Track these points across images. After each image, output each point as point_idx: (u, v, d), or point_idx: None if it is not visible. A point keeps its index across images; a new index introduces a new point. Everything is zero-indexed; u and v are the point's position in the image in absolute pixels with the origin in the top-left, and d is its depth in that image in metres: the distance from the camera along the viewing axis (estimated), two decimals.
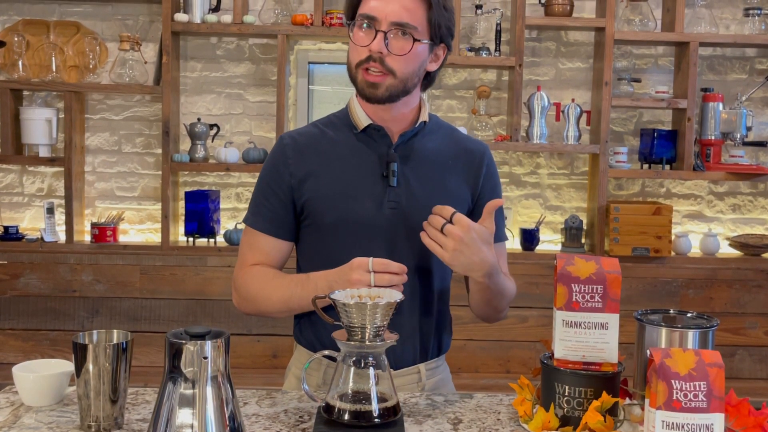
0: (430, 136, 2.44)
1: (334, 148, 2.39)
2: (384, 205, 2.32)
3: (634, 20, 5.03)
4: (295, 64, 5.22)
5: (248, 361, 4.89)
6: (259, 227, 2.41)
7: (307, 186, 2.35)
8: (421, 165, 2.38)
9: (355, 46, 2.29)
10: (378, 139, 2.37)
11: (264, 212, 2.41)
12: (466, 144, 2.50)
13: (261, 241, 2.42)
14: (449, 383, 2.55)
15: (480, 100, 5.11)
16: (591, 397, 1.85)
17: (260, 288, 2.38)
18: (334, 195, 2.33)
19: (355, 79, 2.32)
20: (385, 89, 2.26)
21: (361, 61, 2.28)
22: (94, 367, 1.87)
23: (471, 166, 2.45)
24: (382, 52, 2.23)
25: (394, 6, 2.22)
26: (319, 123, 2.51)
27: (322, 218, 2.34)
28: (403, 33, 2.23)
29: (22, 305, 4.87)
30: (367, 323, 1.81)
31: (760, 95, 5.28)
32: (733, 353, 4.94)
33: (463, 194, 2.42)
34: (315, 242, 2.37)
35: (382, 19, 2.22)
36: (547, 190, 5.32)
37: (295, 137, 2.45)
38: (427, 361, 2.44)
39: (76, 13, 5.15)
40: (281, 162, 2.40)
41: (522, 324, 4.92)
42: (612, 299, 1.88)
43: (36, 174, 5.22)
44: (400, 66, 2.25)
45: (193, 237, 5.02)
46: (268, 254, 2.42)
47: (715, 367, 1.68)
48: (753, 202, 5.35)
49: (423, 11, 2.25)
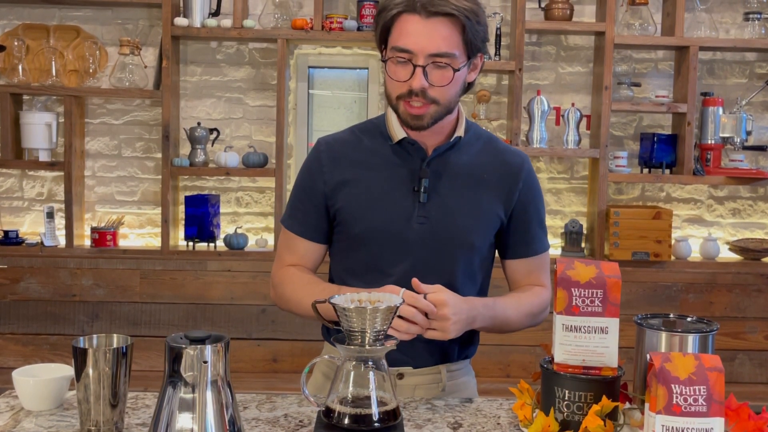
0: (466, 148, 2.42)
1: (368, 158, 2.39)
2: (413, 219, 2.32)
3: (634, 24, 5.03)
4: (295, 68, 5.22)
5: (248, 366, 4.88)
6: (295, 230, 2.46)
7: (340, 194, 2.37)
8: (454, 180, 2.37)
9: (394, 81, 2.25)
10: (412, 152, 2.36)
11: (299, 216, 2.45)
12: (503, 156, 2.47)
13: (296, 243, 2.46)
14: (472, 388, 2.56)
15: (480, 104, 5.11)
16: (591, 402, 1.85)
17: (293, 292, 2.41)
18: (365, 206, 2.34)
19: (397, 109, 2.29)
20: (429, 118, 2.25)
21: (402, 94, 2.25)
22: (94, 371, 1.87)
23: (507, 179, 2.43)
24: (424, 87, 2.21)
25: (430, 38, 2.18)
26: (356, 129, 2.49)
27: (352, 227, 2.36)
28: (441, 63, 2.19)
29: (22, 310, 4.86)
30: (367, 327, 1.81)
31: (760, 99, 5.28)
32: (733, 357, 4.94)
33: (495, 210, 2.40)
34: (345, 249, 2.39)
35: (419, 52, 2.18)
36: (547, 195, 5.32)
37: (330, 143, 2.45)
38: (448, 363, 2.45)
39: (76, 17, 5.15)
40: (316, 169, 2.42)
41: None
42: (612, 303, 1.88)
43: (36, 178, 5.22)
44: (442, 95, 2.23)
45: (193, 241, 5.02)
46: (302, 256, 2.47)
47: (715, 372, 1.68)
48: (753, 207, 5.35)
49: (458, 35, 2.20)
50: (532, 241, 2.48)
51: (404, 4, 2.20)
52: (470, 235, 2.35)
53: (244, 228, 5.20)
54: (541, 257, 2.51)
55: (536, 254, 2.49)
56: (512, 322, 2.39)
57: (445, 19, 2.18)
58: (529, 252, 2.48)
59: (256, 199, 5.26)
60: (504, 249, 2.49)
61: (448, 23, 2.18)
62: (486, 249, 2.43)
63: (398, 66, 2.23)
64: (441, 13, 2.17)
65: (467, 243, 2.35)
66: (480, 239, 2.38)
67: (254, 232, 5.24)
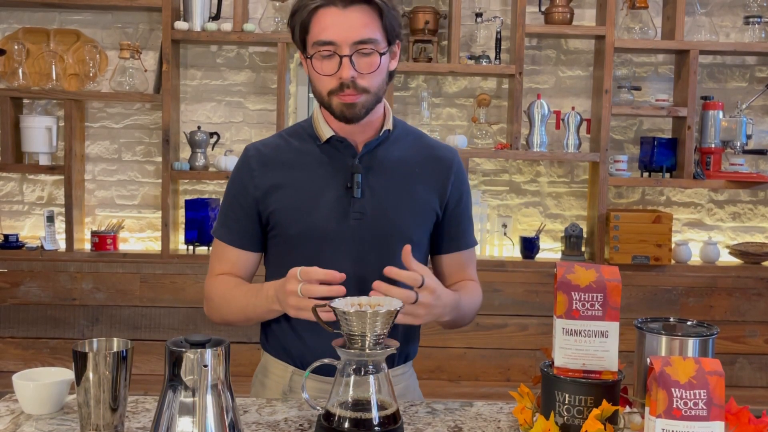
0: (396, 144, 2.42)
1: (298, 160, 2.38)
2: (349, 216, 2.31)
3: (634, 28, 5.03)
4: (295, 72, 5.22)
5: (248, 370, 4.84)
6: (226, 239, 2.43)
7: (271, 198, 2.35)
8: (387, 174, 2.37)
9: (321, 76, 2.24)
10: (342, 149, 2.36)
11: (230, 224, 2.43)
12: (434, 151, 2.47)
13: (228, 252, 2.44)
14: (415, 390, 2.54)
15: (480, 108, 5.11)
16: (591, 406, 1.85)
17: (221, 297, 2.41)
18: (299, 207, 2.33)
19: (330, 105, 2.27)
20: (361, 107, 2.24)
21: (333, 89, 2.23)
22: (94, 375, 1.87)
23: (439, 173, 2.43)
24: (353, 77, 2.20)
25: (351, 27, 2.18)
26: (284, 133, 2.48)
27: (287, 230, 2.34)
28: (366, 50, 2.20)
29: (22, 313, 4.87)
30: (367, 331, 1.81)
31: (760, 103, 5.28)
32: (734, 361, 4.94)
33: (430, 203, 2.41)
34: (281, 253, 2.37)
35: (342, 42, 2.18)
36: (547, 199, 5.33)
37: (259, 148, 2.43)
38: (392, 368, 2.42)
39: (76, 21, 5.16)
40: (246, 174, 2.40)
41: (522, 332, 4.92)
42: (612, 307, 1.88)
43: (36, 182, 5.22)
44: (371, 82, 2.23)
45: (193, 245, 5.02)
46: (234, 265, 2.44)
47: (715, 375, 1.68)
48: (753, 210, 5.35)
49: (377, 20, 2.22)
50: (464, 235, 2.49)
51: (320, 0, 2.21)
52: (408, 229, 2.34)
53: None
54: (471, 251, 2.54)
55: (468, 248, 2.51)
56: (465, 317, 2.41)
57: (363, 7, 2.20)
58: (461, 246, 2.49)
59: None
60: (438, 244, 2.49)
61: (366, 10, 2.20)
62: (425, 244, 2.43)
63: (323, 61, 2.22)
64: (358, 1, 2.19)
65: (405, 237, 2.31)
66: (418, 233, 2.37)
67: None
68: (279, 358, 2.45)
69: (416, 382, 2.58)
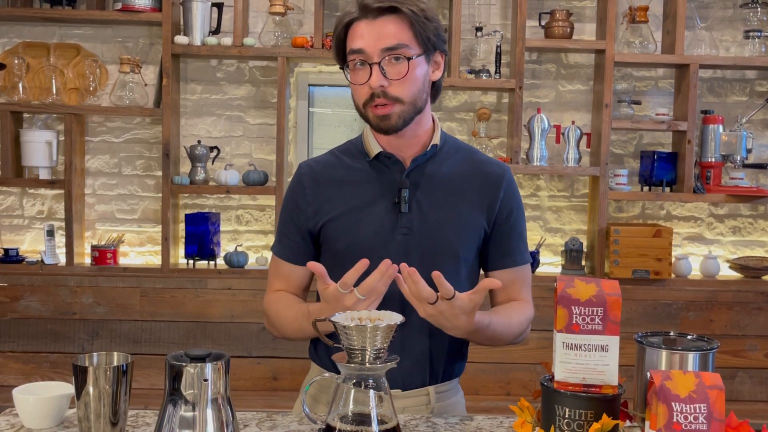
0: (445, 159, 2.43)
1: (348, 176, 2.41)
2: (396, 231, 2.33)
3: (634, 42, 5.04)
4: (296, 86, 5.23)
5: (248, 384, 4.88)
6: (281, 255, 2.48)
7: (322, 213, 2.39)
8: (434, 190, 2.38)
9: (356, 86, 2.29)
10: (390, 165, 2.38)
11: (285, 240, 2.48)
12: (484, 167, 2.47)
13: (283, 267, 2.49)
14: (461, 407, 2.55)
15: (480, 122, 5.12)
16: (591, 420, 1.84)
17: (277, 316, 2.45)
18: (347, 221, 2.36)
19: (367, 118, 2.32)
20: (397, 117, 2.26)
21: (366, 100, 2.28)
22: (94, 389, 1.86)
23: (488, 189, 2.43)
24: (383, 85, 2.23)
25: (380, 35, 2.23)
26: (336, 150, 2.52)
27: (336, 244, 2.37)
28: (396, 58, 2.23)
29: (23, 328, 4.86)
30: (367, 345, 1.80)
31: (760, 117, 5.29)
32: (734, 375, 4.93)
33: (477, 220, 2.41)
34: (330, 267, 2.37)
35: (371, 50, 2.23)
36: (547, 213, 5.33)
37: (312, 166, 2.48)
38: (436, 384, 2.44)
39: (76, 35, 5.17)
40: (298, 191, 2.45)
41: (522, 346, 4.90)
42: (612, 321, 1.88)
43: (36, 196, 5.22)
44: (404, 91, 2.25)
45: (194, 259, 5.02)
46: (288, 280, 2.48)
47: (716, 390, 1.67)
48: (753, 225, 5.36)
49: (407, 29, 2.25)
50: (512, 252, 2.48)
51: (352, 14, 2.28)
52: (454, 244, 2.35)
53: (245, 246, 5.20)
54: (522, 269, 2.51)
55: (517, 265, 2.49)
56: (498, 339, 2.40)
57: (392, 16, 2.25)
58: (509, 263, 2.47)
59: (256, 217, 5.26)
60: (487, 260, 2.48)
61: (395, 19, 2.25)
62: (471, 260, 2.43)
63: (357, 71, 2.28)
64: (386, 11, 2.24)
65: (452, 253, 2.34)
66: (465, 249, 2.37)
67: (254, 250, 5.24)
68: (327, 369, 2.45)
69: (463, 400, 2.59)
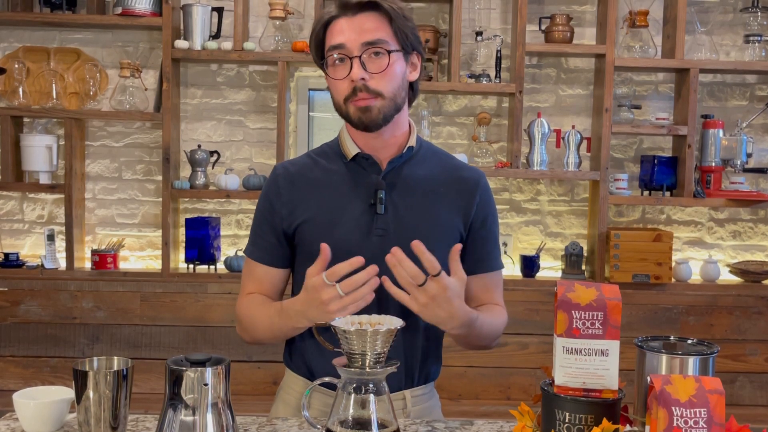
0: (421, 163, 2.45)
1: (324, 178, 2.41)
2: (372, 232, 2.33)
3: (635, 47, 5.04)
4: (296, 90, 5.23)
5: (248, 388, 4.88)
6: (255, 257, 2.47)
7: (297, 215, 2.39)
8: (410, 192, 2.39)
9: (336, 82, 2.30)
10: (367, 167, 2.38)
11: (259, 242, 2.46)
12: (459, 172, 2.49)
13: (257, 270, 2.47)
14: (437, 411, 2.53)
15: (480, 126, 5.12)
16: (591, 424, 1.84)
17: (249, 317, 2.43)
18: (322, 223, 2.35)
19: (347, 114, 2.32)
20: (377, 111, 2.27)
21: (347, 96, 2.28)
22: (94, 394, 1.86)
23: (464, 194, 2.44)
24: (364, 78, 2.24)
25: (360, 29, 2.26)
26: (312, 153, 2.53)
27: (311, 246, 2.33)
28: (376, 53, 2.26)
29: (23, 332, 4.86)
30: (367, 350, 1.81)
31: (760, 122, 5.29)
32: (734, 380, 4.93)
33: (454, 223, 2.41)
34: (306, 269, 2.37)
35: (352, 44, 2.25)
36: (547, 217, 5.33)
37: (287, 167, 2.48)
38: (412, 388, 2.43)
39: (76, 40, 5.17)
40: (273, 192, 2.44)
41: (522, 351, 4.91)
42: (612, 326, 1.88)
43: (36, 201, 5.22)
44: (385, 85, 2.27)
45: (194, 264, 5.02)
46: (262, 282, 2.47)
47: (716, 394, 1.67)
48: (753, 229, 5.35)
49: (386, 25, 2.29)
50: (487, 257, 2.48)
51: (331, 13, 2.31)
52: (430, 245, 2.30)
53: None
54: (496, 275, 2.52)
55: (492, 270, 2.50)
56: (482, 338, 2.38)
57: (372, 13, 2.28)
58: (484, 268, 2.48)
59: None
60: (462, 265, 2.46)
61: (375, 15, 2.29)
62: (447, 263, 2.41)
63: (337, 67, 2.29)
64: (366, 7, 2.28)
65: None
66: (440, 252, 2.30)
67: None
68: (302, 376, 2.45)
69: (438, 404, 2.56)
